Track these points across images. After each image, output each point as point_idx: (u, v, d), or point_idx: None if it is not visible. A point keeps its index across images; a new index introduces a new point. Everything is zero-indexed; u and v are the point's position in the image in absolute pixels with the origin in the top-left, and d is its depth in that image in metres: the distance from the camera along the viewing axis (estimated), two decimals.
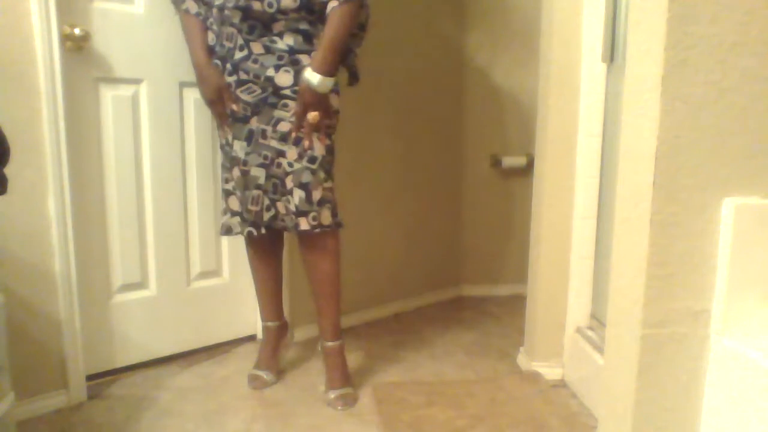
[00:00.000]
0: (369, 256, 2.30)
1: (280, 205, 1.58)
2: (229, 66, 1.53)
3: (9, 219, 1.45)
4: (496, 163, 2.59)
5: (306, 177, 1.52)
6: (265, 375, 1.73)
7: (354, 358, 1.93)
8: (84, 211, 1.64)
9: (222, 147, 1.66)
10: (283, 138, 1.52)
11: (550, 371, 1.77)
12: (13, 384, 1.30)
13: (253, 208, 1.59)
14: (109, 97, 1.67)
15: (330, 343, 1.67)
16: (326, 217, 1.56)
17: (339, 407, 1.59)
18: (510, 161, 2.57)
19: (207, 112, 1.85)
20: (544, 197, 1.72)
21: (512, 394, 1.65)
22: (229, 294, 1.99)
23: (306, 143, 1.51)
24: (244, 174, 1.57)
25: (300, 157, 1.52)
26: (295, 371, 1.81)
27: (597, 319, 1.68)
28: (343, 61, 1.60)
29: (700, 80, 0.92)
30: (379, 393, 1.66)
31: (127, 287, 1.77)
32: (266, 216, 1.60)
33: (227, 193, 1.67)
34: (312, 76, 1.45)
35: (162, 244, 1.81)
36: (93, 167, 1.66)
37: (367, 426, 1.50)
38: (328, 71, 1.46)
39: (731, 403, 0.93)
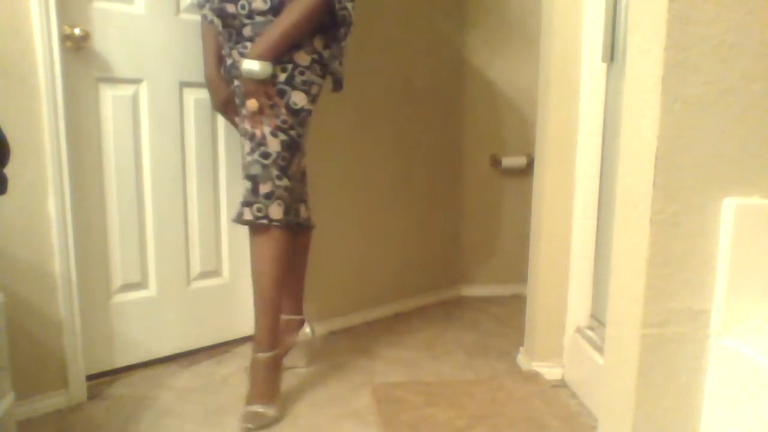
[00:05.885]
0: (369, 256, 2.30)
1: None
2: (228, 74, 1.58)
3: (9, 219, 1.45)
4: (496, 163, 2.59)
5: (255, 169, 1.47)
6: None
7: (354, 358, 1.93)
8: (84, 211, 1.65)
9: None
10: (245, 133, 1.51)
11: (550, 371, 1.77)
12: (13, 384, 1.30)
13: None
14: (109, 97, 1.67)
15: (257, 354, 1.54)
16: (276, 212, 1.49)
17: (244, 424, 1.47)
18: (510, 161, 2.57)
19: (207, 112, 1.86)
20: (544, 197, 1.73)
21: (512, 394, 1.65)
22: (229, 294, 1.99)
23: (257, 133, 1.47)
24: None
25: (252, 151, 1.48)
26: (295, 370, 1.81)
27: (597, 319, 1.68)
28: (325, 70, 1.55)
29: (700, 80, 0.92)
30: (379, 393, 1.66)
31: (127, 287, 1.77)
32: None
33: None
34: (246, 63, 1.41)
35: (162, 244, 1.81)
36: (93, 167, 1.66)
37: (367, 426, 1.50)
38: (259, 55, 1.41)
39: (731, 403, 0.93)
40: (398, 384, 1.73)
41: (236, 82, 1.54)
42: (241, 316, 2.02)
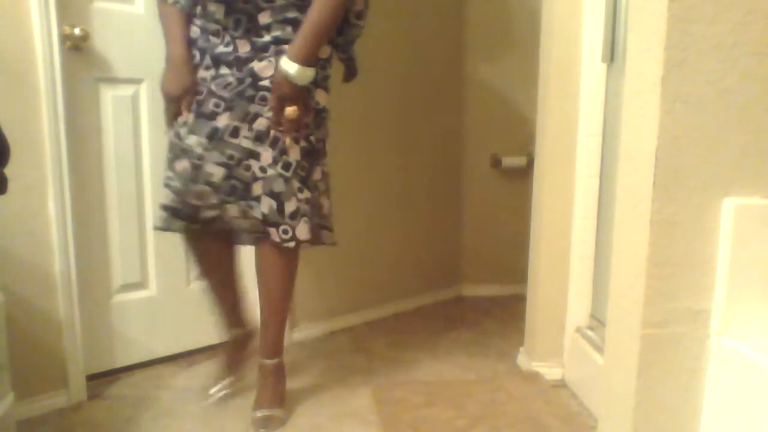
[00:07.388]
0: (369, 255, 2.30)
1: (232, 208, 1.41)
2: (208, 59, 1.39)
3: (9, 219, 1.45)
4: (496, 163, 2.59)
5: (278, 186, 1.37)
6: (225, 383, 1.64)
7: (354, 358, 1.93)
8: (84, 211, 1.64)
9: (170, 137, 1.45)
10: (259, 138, 1.36)
11: (550, 371, 1.77)
12: (13, 384, 1.30)
13: (196, 202, 1.40)
14: (109, 97, 1.67)
15: (265, 361, 1.53)
16: (303, 232, 1.40)
17: (260, 429, 1.47)
18: (510, 161, 2.57)
19: None
20: (544, 197, 1.72)
21: (512, 394, 1.65)
22: None
23: (287, 141, 1.36)
24: (196, 168, 1.37)
25: (275, 161, 1.36)
26: (295, 370, 1.81)
27: (597, 319, 1.68)
28: (340, 55, 1.49)
29: (700, 80, 0.92)
30: (379, 393, 1.66)
31: (127, 287, 1.77)
32: (207, 214, 1.42)
33: (165, 186, 1.45)
34: (289, 66, 1.29)
35: (162, 244, 1.81)
36: (93, 167, 1.66)
37: (367, 426, 1.50)
38: (306, 60, 1.30)
39: (731, 403, 0.93)
40: (398, 384, 1.73)
41: (222, 68, 1.38)
42: None
